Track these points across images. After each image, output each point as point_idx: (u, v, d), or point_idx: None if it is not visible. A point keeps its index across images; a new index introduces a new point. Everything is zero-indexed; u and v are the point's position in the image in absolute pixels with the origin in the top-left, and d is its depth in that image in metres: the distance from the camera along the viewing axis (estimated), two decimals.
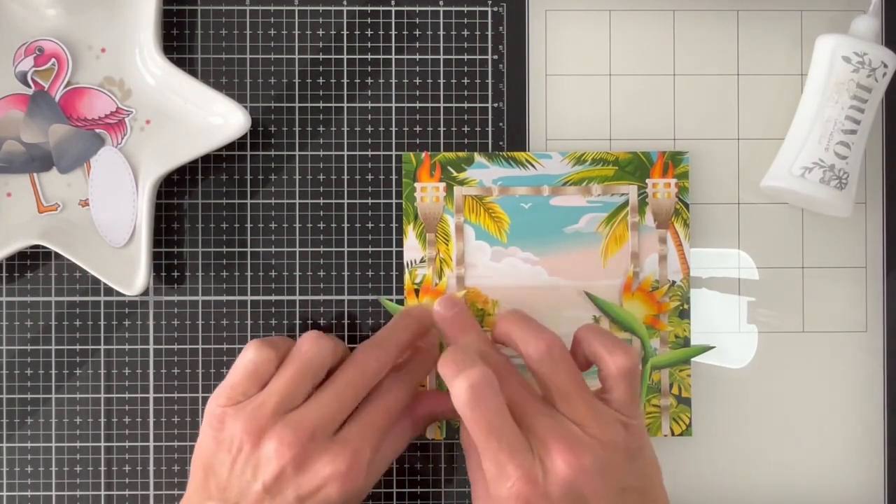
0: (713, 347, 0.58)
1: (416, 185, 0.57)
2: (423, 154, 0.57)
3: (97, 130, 0.57)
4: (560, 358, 0.49)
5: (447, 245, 0.57)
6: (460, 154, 0.58)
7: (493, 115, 0.58)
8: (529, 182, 0.57)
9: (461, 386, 0.47)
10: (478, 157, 0.58)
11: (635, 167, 0.58)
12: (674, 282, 0.58)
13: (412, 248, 0.57)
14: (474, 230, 0.58)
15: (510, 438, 0.47)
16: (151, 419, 0.58)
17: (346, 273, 0.58)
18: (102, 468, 0.58)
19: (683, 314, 0.58)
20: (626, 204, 0.58)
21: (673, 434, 0.57)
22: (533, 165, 0.58)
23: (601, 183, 0.58)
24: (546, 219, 0.57)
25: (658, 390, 0.57)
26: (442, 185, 0.57)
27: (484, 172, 0.57)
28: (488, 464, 0.47)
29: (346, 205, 0.58)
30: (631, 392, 0.50)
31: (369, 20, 0.58)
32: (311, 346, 0.51)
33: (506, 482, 0.46)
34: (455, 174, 0.57)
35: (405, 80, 0.58)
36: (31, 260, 0.58)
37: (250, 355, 0.51)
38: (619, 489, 0.48)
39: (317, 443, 0.49)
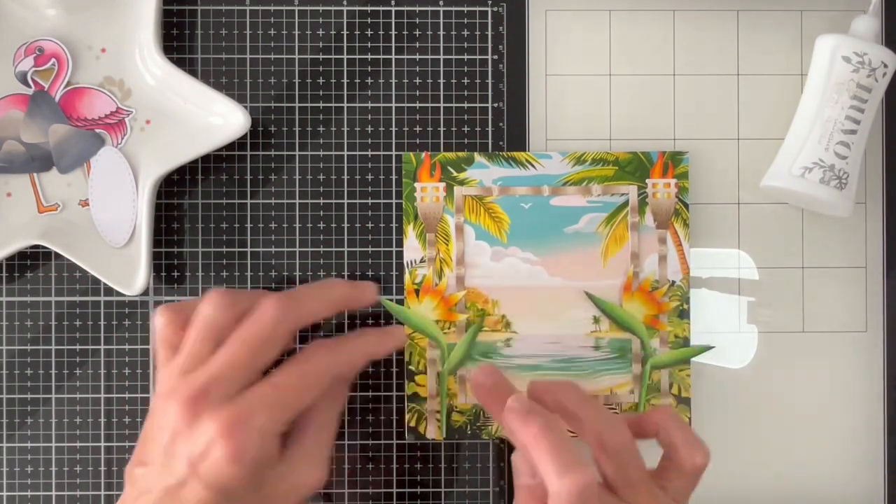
0: (713, 347, 0.58)
1: (416, 185, 0.57)
2: (423, 154, 0.57)
3: (97, 130, 0.57)
4: (634, 451, 0.48)
5: (447, 245, 0.57)
6: (460, 154, 0.58)
7: (493, 115, 0.58)
8: (529, 182, 0.57)
9: (570, 488, 0.45)
10: (478, 157, 0.58)
11: (635, 167, 0.58)
12: (674, 282, 0.58)
13: (412, 248, 0.57)
14: (474, 230, 0.57)
15: None
16: None
17: (346, 273, 0.58)
18: (102, 468, 0.58)
19: (683, 314, 0.58)
20: (626, 204, 0.58)
21: None
22: (533, 165, 0.58)
23: (601, 183, 0.57)
24: (546, 219, 0.57)
25: (658, 390, 0.57)
26: (442, 185, 0.57)
27: (484, 172, 0.57)
28: None
29: (346, 205, 0.58)
30: (692, 489, 0.50)
31: (369, 20, 0.58)
32: (207, 306, 0.50)
33: None
34: (455, 174, 0.57)
35: (405, 80, 0.58)
36: (31, 260, 0.58)
37: (155, 324, 0.51)
38: None
39: (209, 401, 0.47)
